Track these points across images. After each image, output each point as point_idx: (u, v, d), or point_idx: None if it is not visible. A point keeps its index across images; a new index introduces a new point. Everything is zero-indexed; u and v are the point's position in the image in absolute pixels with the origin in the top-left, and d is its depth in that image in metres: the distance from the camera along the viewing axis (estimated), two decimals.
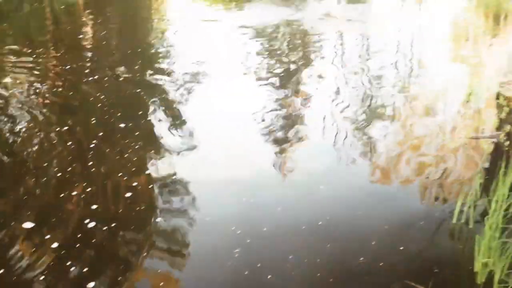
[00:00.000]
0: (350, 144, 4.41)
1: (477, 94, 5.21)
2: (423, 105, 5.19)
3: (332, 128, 4.71)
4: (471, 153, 4.22)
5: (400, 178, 3.95)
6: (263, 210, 3.52)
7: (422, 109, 5.11)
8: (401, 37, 7.79)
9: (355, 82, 5.82)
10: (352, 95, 5.45)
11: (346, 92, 5.53)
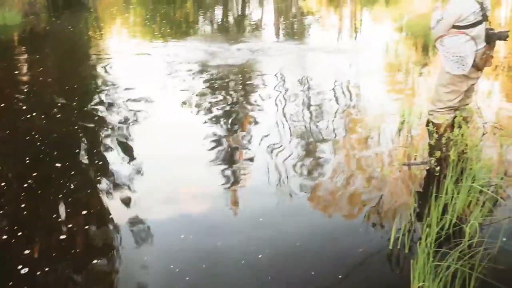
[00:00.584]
0: (288, 176, 4.48)
1: (408, 122, 5.42)
2: (358, 135, 5.35)
3: (270, 161, 4.77)
4: (404, 180, 4.38)
5: (337, 208, 4.03)
6: (203, 246, 3.51)
7: (356, 138, 5.27)
8: (338, 69, 8.04)
9: (293, 117, 5.94)
10: (290, 129, 5.56)
11: (285, 127, 5.63)
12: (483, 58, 4.75)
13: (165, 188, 4.31)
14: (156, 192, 4.24)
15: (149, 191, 4.24)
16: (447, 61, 4.74)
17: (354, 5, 17.70)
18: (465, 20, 4.55)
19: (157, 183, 4.39)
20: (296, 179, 4.43)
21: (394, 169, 4.52)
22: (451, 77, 4.82)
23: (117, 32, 11.50)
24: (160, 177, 4.50)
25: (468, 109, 5.21)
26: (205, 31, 11.95)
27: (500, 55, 8.61)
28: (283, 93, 6.76)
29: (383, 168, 4.50)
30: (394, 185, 4.28)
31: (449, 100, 4.94)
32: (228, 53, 9.20)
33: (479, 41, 4.67)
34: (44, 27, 12.74)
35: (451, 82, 4.87)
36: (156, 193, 4.22)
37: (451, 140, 4.38)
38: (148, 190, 4.27)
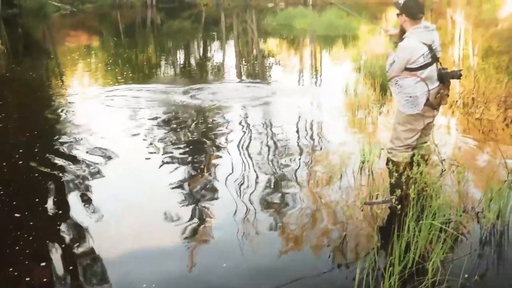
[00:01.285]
0: (253, 218, 4.47)
1: (369, 161, 5.52)
2: (319, 175, 5.41)
3: (237, 201, 4.78)
4: (367, 219, 4.43)
5: (301, 249, 4.04)
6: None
7: (318, 178, 5.33)
8: (299, 109, 8.17)
9: (257, 158, 5.98)
10: (254, 170, 5.59)
11: (246, 168, 5.66)
12: (437, 97, 4.93)
13: (128, 239, 4.23)
14: (118, 244, 4.15)
15: (112, 243, 4.15)
16: (400, 101, 4.93)
17: (313, 47, 18.14)
18: (415, 63, 4.76)
19: (119, 233, 4.31)
20: (257, 220, 4.42)
21: (357, 208, 4.57)
22: (407, 116, 4.99)
23: (78, 77, 11.44)
24: (122, 228, 4.42)
25: (425, 147, 5.36)
26: (167, 74, 12.01)
27: (456, 92, 8.91)
28: (245, 135, 6.81)
29: (345, 207, 4.54)
30: (357, 224, 4.32)
31: (406, 138, 5.09)
32: (188, 95, 9.26)
33: (431, 82, 4.86)
34: (4, 74, 12.60)
35: (407, 121, 5.03)
36: (118, 245, 4.13)
37: (410, 178, 4.47)
38: (110, 242, 4.17)
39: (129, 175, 5.60)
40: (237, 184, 5.18)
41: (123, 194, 5.07)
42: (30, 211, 4.68)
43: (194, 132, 7.03)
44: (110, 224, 4.45)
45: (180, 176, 5.47)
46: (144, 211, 4.69)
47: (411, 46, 4.77)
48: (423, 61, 4.77)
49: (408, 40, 4.81)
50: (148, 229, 4.36)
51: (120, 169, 5.73)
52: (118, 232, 4.31)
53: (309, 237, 4.17)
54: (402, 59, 4.78)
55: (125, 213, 4.64)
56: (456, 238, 3.98)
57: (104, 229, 4.37)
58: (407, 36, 4.85)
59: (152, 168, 5.74)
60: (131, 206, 4.79)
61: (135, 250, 4.02)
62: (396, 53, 4.91)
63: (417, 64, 4.77)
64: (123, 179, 5.48)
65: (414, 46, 4.76)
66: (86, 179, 5.38)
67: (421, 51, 4.75)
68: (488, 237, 4.10)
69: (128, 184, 5.35)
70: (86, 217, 4.57)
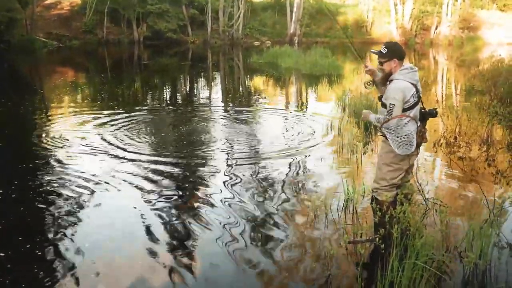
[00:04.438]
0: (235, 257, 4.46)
1: (353, 200, 5.55)
2: (305, 213, 5.43)
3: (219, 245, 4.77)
4: (351, 258, 4.44)
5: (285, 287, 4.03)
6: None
7: (302, 216, 5.34)
8: (285, 147, 8.23)
9: (240, 196, 5.99)
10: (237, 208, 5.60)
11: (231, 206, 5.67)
12: (420, 136, 5.04)
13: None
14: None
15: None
16: (395, 143, 4.95)
17: (299, 85, 18.37)
18: (407, 103, 4.86)
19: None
20: (242, 260, 4.41)
21: (340, 247, 4.58)
22: (395, 156, 5.06)
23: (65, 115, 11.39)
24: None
25: (408, 186, 5.43)
26: (154, 111, 12.02)
27: (439, 131, 9.06)
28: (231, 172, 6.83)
29: (329, 246, 4.56)
30: (341, 263, 4.33)
31: (392, 178, 5.16)
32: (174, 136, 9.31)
33: (416, 121, 4.97)
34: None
35: (395, 161, 5.10)
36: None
37: (394, 218, 4.52)
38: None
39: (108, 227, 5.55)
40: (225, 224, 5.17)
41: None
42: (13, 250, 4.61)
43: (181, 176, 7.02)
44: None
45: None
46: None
47: (405, 86, 4.85)
48: (413, 101, 4.87)
49: (400, 82, 4.89)
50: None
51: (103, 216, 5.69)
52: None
53: (293, 276, 4.16)
54: (401, 100, 4.84)
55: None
56: (439, 278, 4.00)
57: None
58: (396, 78, 4.93)
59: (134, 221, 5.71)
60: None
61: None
62: (390, 96, 4.90)
63: (409, 104, 4.86)
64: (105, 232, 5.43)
65: (406, 86, 4.85)
66: (70, 222, 5.34)
67: (411, 91, 4.86)
68: (470, 276, 4.13)
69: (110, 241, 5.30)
70: (70, 259, 4.53)
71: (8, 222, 5.28)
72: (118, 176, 6.64)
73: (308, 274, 4.18)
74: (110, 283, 4.07)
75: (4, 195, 6.01)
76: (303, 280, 4.11)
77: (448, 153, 7.83)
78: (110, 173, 6.74)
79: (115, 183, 6.37)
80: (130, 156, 7.57)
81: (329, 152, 7.97)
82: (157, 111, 12.34)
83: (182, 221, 5.23)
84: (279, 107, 13.24)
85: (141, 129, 9.73)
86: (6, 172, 7.02)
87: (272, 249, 4.61)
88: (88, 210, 5.55)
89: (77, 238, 4.84)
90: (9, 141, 8.96)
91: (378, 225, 4.73)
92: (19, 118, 11.21)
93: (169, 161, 7.36)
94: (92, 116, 11.01)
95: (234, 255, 4.48)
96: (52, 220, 5.27)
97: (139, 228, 5.08)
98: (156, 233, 4.95)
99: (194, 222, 5.20)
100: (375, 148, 8.01)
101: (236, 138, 8.91)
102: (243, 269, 4.25)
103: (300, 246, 4.69)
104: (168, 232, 4.99)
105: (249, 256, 4.49)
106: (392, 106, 4.85)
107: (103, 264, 4.35)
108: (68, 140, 8.66)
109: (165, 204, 5.68)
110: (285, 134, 9.30)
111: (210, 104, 13.76)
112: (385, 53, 5.01)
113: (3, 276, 4.15)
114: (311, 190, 6.15)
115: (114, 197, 5.95)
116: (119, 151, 7.89)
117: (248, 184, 6.36)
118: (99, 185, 6.29)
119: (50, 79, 20.08)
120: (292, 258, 4.45)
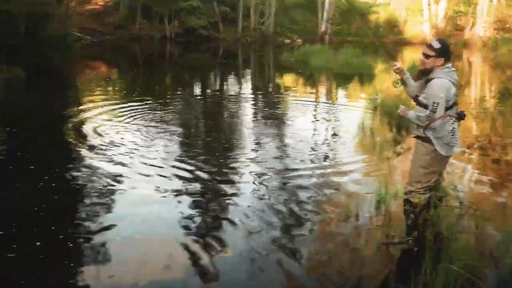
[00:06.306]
0: (264, 259, 4.46)
1: (386, 201, 5.49)
2: (337, 213, 5.39)
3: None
4: (383, 260, 4.39)
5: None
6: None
7: (335, 215, 5.31)
8: (315, 147, 8.19)
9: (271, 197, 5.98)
10: (267, 207, 5.60)
11: (260, 205, 5.67)
12: None
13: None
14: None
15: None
16: (439, 143, 4.80)
17: (330, 84, 18.27)
18: (449, 101, 4.72)
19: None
20: (271, 260, 4.39)
21: (373, 249, 4.53)
22: (432, 158, 4.90)
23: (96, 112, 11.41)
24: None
25: (442, 188, 5.33)
26: (184, 112, 11.97)
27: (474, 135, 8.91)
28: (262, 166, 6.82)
29: (360, 247, 4.52)
30: (372, 264, 4.29)
31: (427, 181, 5.02)
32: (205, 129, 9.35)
33: None
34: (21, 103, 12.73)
35: (431, 164, 4.94)
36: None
37: (427, 220, 4.46)
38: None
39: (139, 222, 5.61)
40: (253, 225, 5.17)
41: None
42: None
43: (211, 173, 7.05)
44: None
45: None
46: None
47: (449, 85, 4.71)
48: (454, 100, 4.76)
49: (443, 80, 4.73)
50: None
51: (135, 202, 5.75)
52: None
53: (324, 277, 4.13)
54: (445, 99, 4.69)
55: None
56: (473, 282, 3.93)
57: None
58: (439, 76, 4.77)
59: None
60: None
61: None
62: (433, 95, 4.74)
63: (450, 103, 4.73)
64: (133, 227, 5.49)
65: (449, 85, 4.72)
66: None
67: (453, 90, 4.74)
68: (506, 282, 4.05)
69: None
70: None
71: (47, 209, 5.39)
72: (147, 172, 6.68)
73: (339, 275, 4.15)
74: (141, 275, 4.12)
75: (44, 182, 6.14)
76: (334, 281, 4.08)
77: (482, 156, 7.69)
78: (139, 168, 6.81)
79: (144, 179, 6.43)
80: (160, 155, 7.59)
81: (360, 152, 7.91)
82: (190, 108, 12.38)
83: (211, 217, 5.26)
84: (310, 105, 13.15)
85: (174, 124, 9.77)
86: (47, 161, 7.16)
87: (301, 250, 4.58)
88: (119, 203, 5.64)
89: (110, 233, 4.92)
90: (45, 131, 9.10)
91: (411, 227, 4.67)
92: (58, 110, 11.34)
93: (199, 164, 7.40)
94: (128, 110, 11.05)
95: (262, 254, 4.47)
96: (84, 211, 5.36)
97: (171, 221, 5.13)
98: (186, 227, 4.99)
99: (223, 217, 5.23)
100: (407, 149, 7.90)
101: (266, 137, 8.89)
102: (272, 269, 4.23)
103: (330, 246, 4.66)
104: (198, 226, 5.03)
105: (279, 256, 4.46)
106: (436, 105, 4.67)
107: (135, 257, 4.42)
108: (105, 132, 8.75)
109: (191, 200, 5.73)
110: (316, 130, 9.26)
111: (242, 98, 13.77)
112: (437, 49, 4.80)
113: (37, 267, 4.24)
114: (342, 190, 6.10)
115: (143, 193, 6.00)
116: (151, 149, 7.93)
117: (276, 181, 6.33)
118: (129, 179, 6.37)
119: (85, 73, 20.37)
120: (322, 259, 4.42)
